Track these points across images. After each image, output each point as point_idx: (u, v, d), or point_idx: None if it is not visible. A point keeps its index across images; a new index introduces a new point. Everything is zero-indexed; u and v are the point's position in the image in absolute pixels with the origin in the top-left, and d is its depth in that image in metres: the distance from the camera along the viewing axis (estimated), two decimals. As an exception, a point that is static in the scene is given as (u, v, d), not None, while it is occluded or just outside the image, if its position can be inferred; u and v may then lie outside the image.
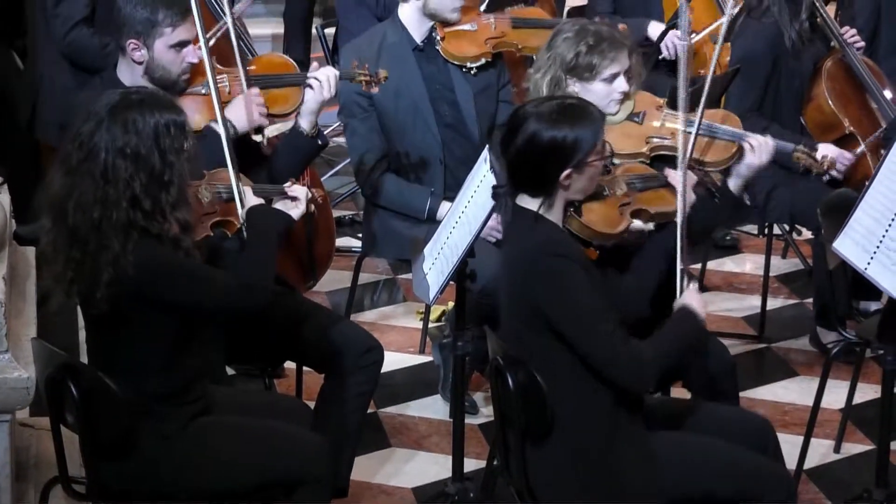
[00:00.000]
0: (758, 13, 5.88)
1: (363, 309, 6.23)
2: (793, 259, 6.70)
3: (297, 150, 4.78)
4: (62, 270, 3.86)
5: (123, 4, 4.63)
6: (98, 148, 3.81)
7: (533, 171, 3.95)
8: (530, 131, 3.92)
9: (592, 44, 4.59)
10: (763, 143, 4.61)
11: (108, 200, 3.80)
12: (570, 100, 4.18)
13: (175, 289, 3.87)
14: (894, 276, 4.18)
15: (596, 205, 4.20)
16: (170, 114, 3.88)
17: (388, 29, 5.45)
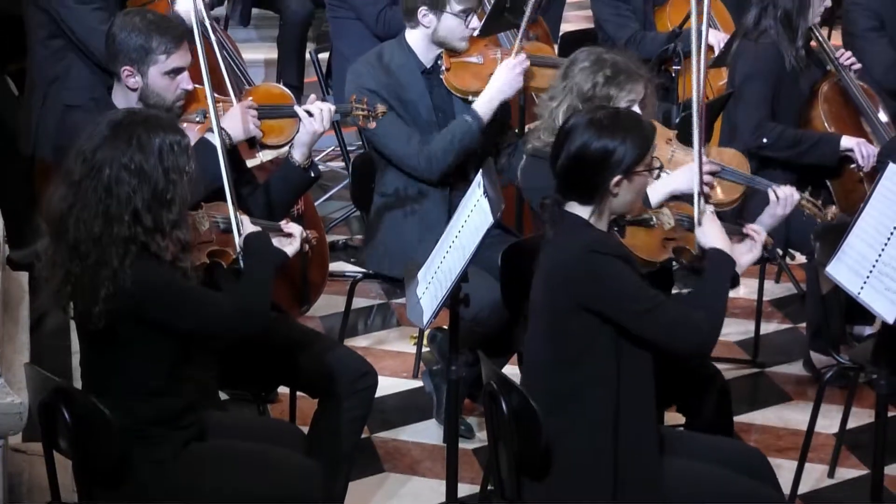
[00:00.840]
0: (754, 35, 5.91)
1: (357, 333, 6.23)
2: (786, 283, 6.70)
3: (289, 182, 4.78)
4: (61, 285, 3.86)
5: (118, 31, 4.64)
6: (102, 163, 3.82)
7: (583, 178, 3.98)
8: (582, 139, 3.96)
9: (610, 75, 4.60)
10: (788, 196, 4.62)
11: (109, 214, 3.81)
12: (621, 110, 4.21)
13: (172, 309, 3.87)
14: (887, 300, 4.18)
15: (641, 231, 4.23)
16: (174, 134, 3.90)
17: (394, 51, 5.43)
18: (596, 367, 3.93)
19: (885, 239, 4.25)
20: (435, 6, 5.34)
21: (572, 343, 3.94)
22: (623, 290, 3.91)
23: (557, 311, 3.96)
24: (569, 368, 3.95)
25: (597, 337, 3.92)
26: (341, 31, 7.01)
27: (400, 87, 5.33)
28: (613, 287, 3.90)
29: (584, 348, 3.93)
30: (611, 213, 4.03)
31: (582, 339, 3.93)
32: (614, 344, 3.93)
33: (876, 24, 6.43)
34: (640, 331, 3.92)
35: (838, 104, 5.98)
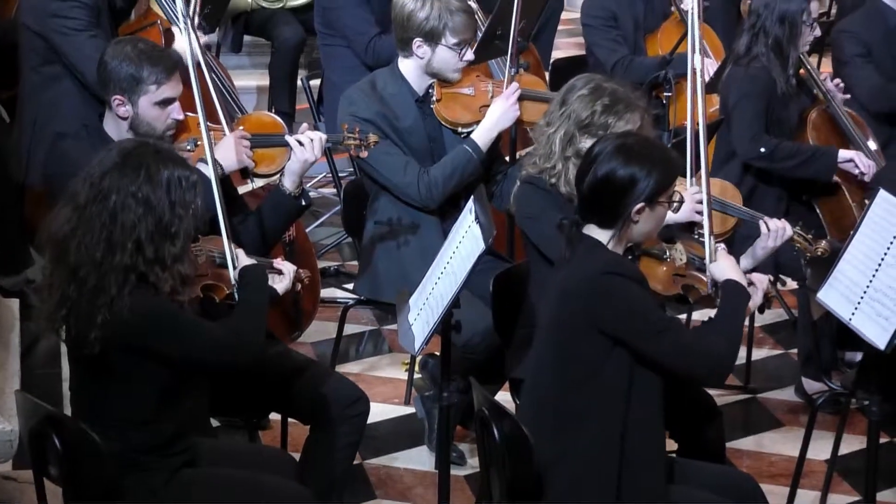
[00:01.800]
0: (745, 61, 5.95)
1: (348, 360, 6.22)
2: (777, 309, 6.70)
3: (279, 210, 4.79)
4: (56, 308, 3.86)
5: (109, 60, 4.65)
6: (109, 190, 3.83)
7: (607, 202, 3.99)
8: (610, 165, 3.97)
9: (609, 104, 4.62)
10: (780, 229, 4.63)
11: (112, 241, 3.81)
12: (651, 139, 4.23)
13: (167, 339, 3.87)
14: (878, 326, 4.19)
15: (653, 263, 4.26)
16: (183, 169, 3.90)
17: (386, 79, 5.43)
18: (602, 391, 3.92)
19: (875, 265, 4.26)
20: (430, 38, 5.34)
21: (581, 365, 3.94)
22: (638, 311, 3.91)
23: (570, 332, 3.96)
24: (575, 391, 3.94)
25: (606, 361, 3.92)
26: (332, 58, 7.02)
27: (394, 116, 5.34)
28: (628, 308, 3.91)
29: (592, 371, 3.93)
30: (629, 240, 4.04)
31: (591, 361, 3.93)
32: (625, 368, 3.93)
33: (863, 50, 6.47)
34: (655, 352, 3.91)
35: (827, 131, 6.01)
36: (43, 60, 5.78)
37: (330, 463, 4.55)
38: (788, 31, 5.86)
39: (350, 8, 6.76)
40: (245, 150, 4.76)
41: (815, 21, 5.93)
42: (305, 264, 4.84)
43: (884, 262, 4.24)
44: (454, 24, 5.30)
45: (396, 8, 5.40)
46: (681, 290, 4.30)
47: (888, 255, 4.23)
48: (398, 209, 5.40)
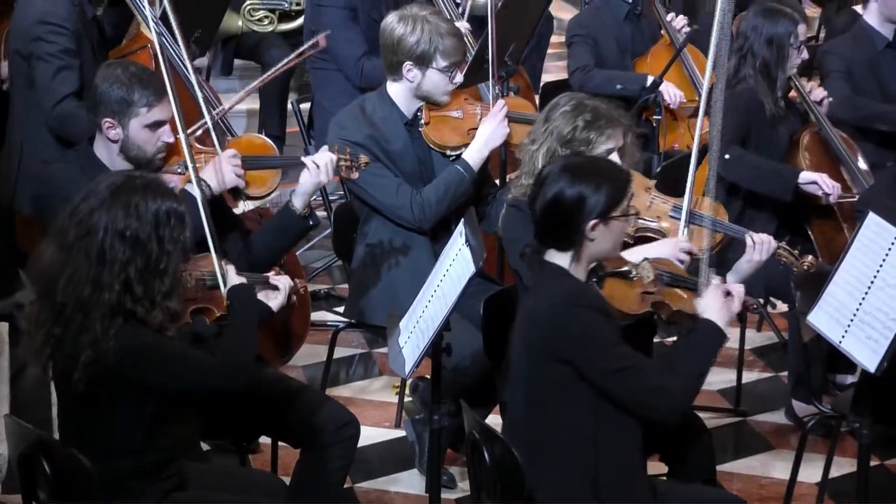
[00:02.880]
0: (733, 83, 5.96)
1: (339, 383, 6.21)
2: (768, 332, 6.71)
3: (285, 229, 4.80)
4: (41, 345, 3.84)
5: (100, 83, 4.65)
6: (97, 227, 3.80)
7: (559, 224, 4.00)
8: (557, 186, 3.98)
9: (590, 119, 4.63)
10: (766, 242, 4.62)
11: (100, 281, 3.79)
12: (597, 157, 4.24)
13: (156, 371, 3.85)
14: (868, 349, 4.19)
15: (620, 283, 4.22)
16: (172, 202, 3.88)
17: (375, 103, 5.43)
18: (573, 418, 3.93)
19: (865, 288, 4.26)
20: (421, 62, 5.35)
21: (549, 392, 3.95)
22: (597, 345, 3.91)
23: (535, 359, 3.97)
24: (547, 417, 3.95)
25: (572, 388, 3.92)
26: (322, 82, 7.03)
27: (384, 140, 5.34)
28: (588, 342, 3.91)
29: (561, 398, 3.93)
30: (589, 259, 4.04)
31: (558, 388, 3.93)
32: (593, 396, 3.93)
33: (844, 68, 6.53)
34: (612, 389, 3.91)
35: (819, 153, 6.03)
36: (30, 84, 5.78)
37: (320, 486, 4.54)
38: (776, 53, 5.89)
39: (339, 29, 6.77)
40: (235, 170, 4.76)
41: (802, 44, 5.95)
42: (296, 289, 4.83)
43: (873, 284, 4.24)
44: (444, 47, 5.31)
45: (385, 32, 5.41)
46: (651, 307, 4.28)
47: (878, 277, 4.24)
48: (388, 232, 5.40)
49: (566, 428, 3.94)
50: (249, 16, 7.70)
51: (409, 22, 5.34)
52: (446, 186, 5.33)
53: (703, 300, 4.18)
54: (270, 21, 7.71)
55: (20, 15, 5.84)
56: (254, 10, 7.70)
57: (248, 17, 7.70)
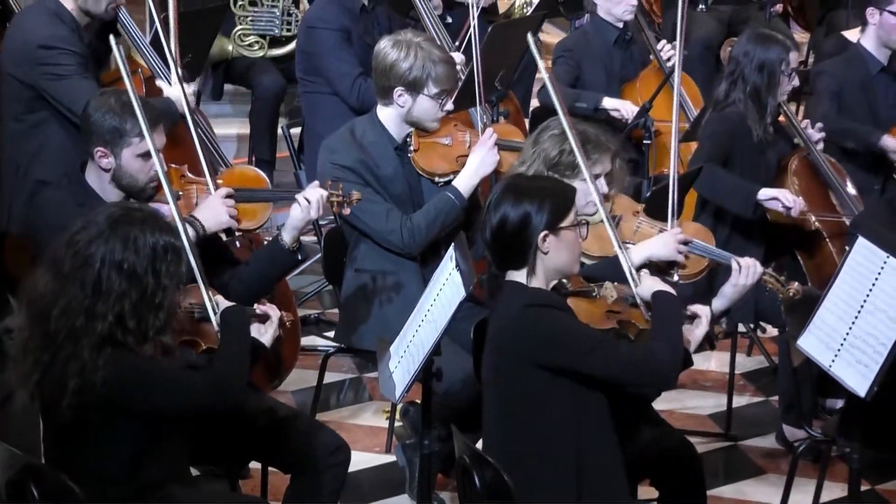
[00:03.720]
0: (722, 106, 5.99)
1: (329, 408, 6.20)
2: (758, 356, 6.71)
3: (275, 263, 4.82)
4: (29, 372, 3.83)
5: (92, 112, 4.65)
6: (94, 258, 3.80)
7: (510, 244, 4.05)
8: (502, 210, 4.03)
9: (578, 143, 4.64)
10: (752, 266, 4.63)
11: (93, 312, 3.78)
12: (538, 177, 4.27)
13: (147, 396, 3.85)
14: (859, 373, 4.19)
15: (583, 301, 4.26)
16: (169, 237, 3.88)
17: (366, 127, 5.44)
18: (555, 426, 3.95)
19: (855, 312, 4.27)
20: (412, 88, 5.35)
21: (525, 403, 3.97)
22: (565, 333, 3.96)
23: (507, 374, 4.00)
24: (528, 431, 3.97)
25: (549, 394, 3.94)
26: (313, 106, 7.03)
27: (374, 164, 5.34)
28: (556, 334, 3.96)
29: (541, 407, 3.95)
30: (548, 274, 4.08)
31: (535, 397, 3.96)
32: (570, 398, 3.95)
33: (835, 89, 6.59)
34: (593, 370, 3.95)
35: (807, 178, 6.05)
36: (26, 109, 5.79)
37: (311, 512, 4.53)
38: (767, 79, 5.91)
39: (333, 50, 6.78)
40: (230, 210, 4.77)
41: (793, 71, 5.97)
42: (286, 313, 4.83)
43: (863, 308, 4.25)
44: (437, 74, 5.32)
45: (378, 57, 5.42)
46: (616, 325, 4.29)
47: (867, 301, 4.24)
48: (378, 257, 5.40)
49: (549, 437, 3.96)
50: (240, 41, 7.71)
51: (402, 47, 5.35)
52: (436, 213, 5.33)
53: (642, 286, 4.25)
54: (261, 46, 7.72)
55: (16, 38, 5.85)
56: (244, 35, 7.71)
57: (239, 42, 7.71)
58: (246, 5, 7.65)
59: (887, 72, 6.69)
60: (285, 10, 7.68)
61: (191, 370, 4.01)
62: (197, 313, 4.26)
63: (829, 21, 8.44)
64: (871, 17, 6.64)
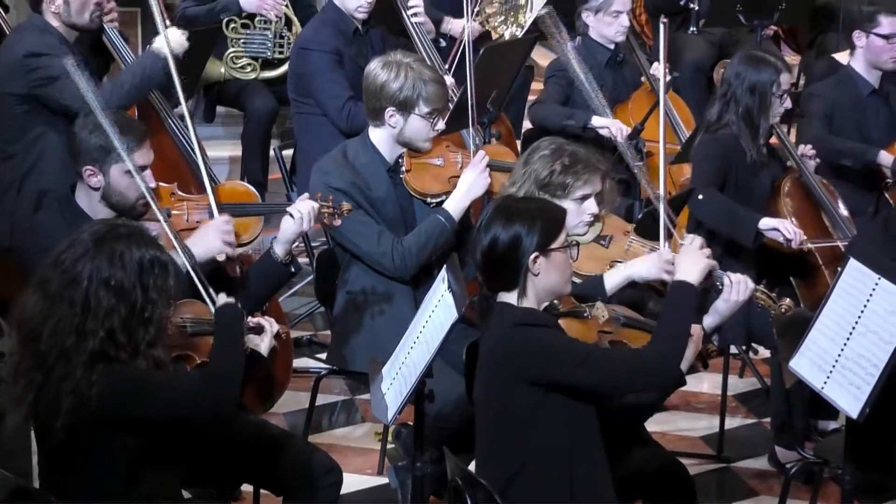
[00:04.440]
0: (715, 128, 6.00)
1: (321, 430, 6.19)
2: (750, 378, 6.71)
3: (268, 276, 4.82)
4: (23, 393, 3.82)
5: (79, 130, 4.66)
6: (81, 276, 3.80)
7: (501, 266, 4.06)
8: (492, 232, 4.05)
9: (567, 164, 4.66)
10: (743, 282, 4.63)
11: (84, 330, 3.78)
12: (528, 198, 4.28)
13: (141, 402, 3.85)
14: (851, 395, 4.19)
15: (574, 322, 4.26)
16: (155, 251, 3.88)
17: (358, 149, 5.44)
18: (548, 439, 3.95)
19: (847, 333, 4.27)
20: (403, 108, 5.36)
21: (518, 422, 3.97)
22: (557, 348, 3.97)
23: (499, 393, 4.01)
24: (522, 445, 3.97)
25: (542, 410, 3.94)
26: (305, 128, 7.04)
27: (366, 186, 5.35)
28: (547, 349, 3.96)
29: (531, 423, 3.96)
30: (539, 295, 4.08)
31: (528, 414, 3.96)
32: (563, 416, 3.95)
33: (827, 111, 6.62)
34: (588, 382, 3.96)
35: (800, 199, 6.06)
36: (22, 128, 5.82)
37: (302, 534, 4.52)
38: (759, 101, 5.92)
39: (324, 72, 6.79)
40: (227, 237, 4.77)
41: (785, 93, 5.99)
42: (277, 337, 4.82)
43: (855, 330, 4.25)
44: (427, 93, 5.33)
45: (369, 78, 5.42)
46: (608, 346, 4.29)
47: (859, 323, 4.25)
48: (370, 279, 5.40)
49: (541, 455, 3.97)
50: (232, 63, 7.72)
51: (392, 68, 5.36)
52: (427, 236, 5.33)
53: (678, 256, 4.25)
54: (253, 68, 7.73)
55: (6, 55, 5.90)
56: (237, 57, 7.71)
57: (231, 64, 7.72)
58: (238, 27, 7.66)
59: (878, 94, 6.71)
60: (278, 33, 7.69)
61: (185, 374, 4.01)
62: (190, 327, 4.26)
63: (819, 44, 8.46)
64: (858, 39, 6.67)
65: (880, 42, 6.57)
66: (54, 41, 5.84)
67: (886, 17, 6.57)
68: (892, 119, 6.73)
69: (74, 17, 5.91)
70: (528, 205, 4.16)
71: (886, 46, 6.58)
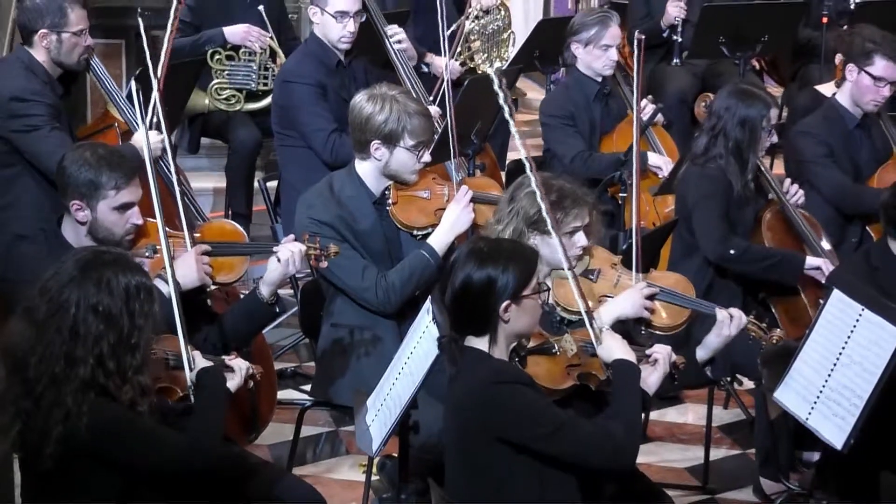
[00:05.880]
0: (701, 161, 5.99)
1: (305, 462, 6.17)
2: (735, 409, 6.70)
3: (252, 316, 4.82)
4: (10, 421, 3.81)
5: (68, 165, 4.66)
6: (68, 303, 3.80)
7: (471, 311, 4.01)
8: (465, 272, 4.00)
9: (555, 199, 4.65)
10: (736, 316, 4.64)
11: (73, 357, 3.78)
12: (502, 239, 4.25)
13: (127, 448, 3.83)
14: (835, 425, 4.20)
15: (543, 360, 4.23)
16: (140, 277, 3.88)
17: (344, 181, 5.44)
18: (518, 489, 3.93)
19: (831, 365, 4.28)
20: (389, 141, 5.37)
21: (490, 477, 3.94)
22: (531, 414, 3.94)
23: (470, 446, 3.98)
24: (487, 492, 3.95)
25: (514, 468, 3.92)
26: (289, 160, 7.04)
27: (352, 219, 5.35)
28: (522, 413, 3.93)
29: (503, 481, 3.93)
30: (508, 339, 4.06)
31: (499, 471, 3.93)
32: (536, 473, 3.93)
33: (827, 150, 6.58)
34: (555, 452, 3.94)
35: (781, 232, 6.06)
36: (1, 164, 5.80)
37: (287, 567, 4.51)
38: (749, 136, 5.92)
39: (307, 105, 6.80)
40: (205, 268, 4.77)
41: (772, 127, 6.00)
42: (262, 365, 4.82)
43: (839, 361, 4.26)
44: (412, 126, 5.34)
45: (354, 111, 5.43)
46: (577, 380, 4.28)
47: (843, 354, 4.26)
48: (355, 311, 5.40)
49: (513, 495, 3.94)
50: (216, 94, 7.73)
51: (377, 101, 5.37)
52: (411, 271, 5.33)
53: (602, 346, 4.23)
54: (237, 100, 7.74)
55: None
56: (221, 88, 7.72)
57: (216, 95, 7.73)
58: (223, 59, 7.67)
59: (862, 126, 6.72)
60: (262, 65, 7.70)
61: (170, 429, 3.99)
62: (172, 361, 4.25)
63: (802, 76, 8.50)
64: (850, 73, 6.63)
65: (868, 81, 6.55)
66: (38, 84, 5.84)
67: (882, 60, 6.53)
68: (874, 151, 6.74)
69: (63, 57, 5.94)
70: (502, 249, 4.10)
71: (872, 88, 6.56)
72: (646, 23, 8.29)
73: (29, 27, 5.95)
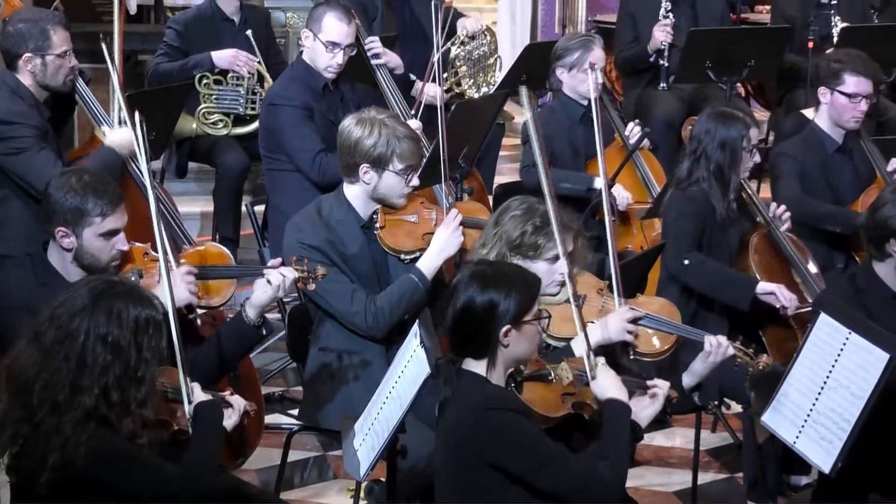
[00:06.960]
0: (685, 185, 6.02)
1: (293, 486, 6.16)
2: (722, 433, 6.71)
3: (239, 338, 4.81)
4: (6, 444, 3.80)
5: (53, 192, 4.66)
6: (78, 331, 3.79)
7: (472, 333, 4.02)
8: (467, 295, 3.99)
9: (539, 224, 4.66)
10: (723, 344, 4.64)
11: (79, 386, 3.77)
12: (505, 263, 4.25)
13: (124, 478, 3.83)
14: (823, 449, 4.20)
15: (538, 386, 4.23)
16: (151, 310, 3.88)
17: (332, 205, 5.44)
18: None
19: (818, 388, 4.28)
20: (377, 164, 5.37)
21: (479, 495, 3.93)
22: (522, 444, 3.94)
23: (462, 470, 3.97)
24: None
25: (504, 489, 3.92)
26: (277, 184, 7.04)
27: (341, 243, 5.34)
28: (514, 443, 3.93)
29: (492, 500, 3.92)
30: (506, 364, 4.06)
31: (489, 496, 3.92)
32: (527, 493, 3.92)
33: (798, 170, 6.63)
34: (542, 484, 3.93)
35: (769, 255, 6.07)
36: None
37: (275, 592, 4.50)
38: (729, 157, 5.95)
39: (294, 127, 6.79)
40: (190, 287, 4.76)
41: (754, 147, 6.03)
42: (250, 392, 4.83)
43: (826, 384, 4.26)
44: (401, 150, 5.35)
45: (343, 135, 5.44)
46: (572, 409, 4.28)
47: (830, 377, 4.26)
48: (343, 335, 5.39)
49: None
50: (204, 119, 7.73)
51: (366, 125, 5.38)
52: (400, 296, 5.33)
53: (596, 382, 4.22)
54: (225, 124, 7.75)
55: None
56: (208, 113, 7.73)
57: (203, 120, 7.73)
58: (211, 83, 7.68)
59: (843, 150, 6.74)
60: (250, 89, 7.71)
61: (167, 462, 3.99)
62: (170, 393, 4.24)
63: (788, 100, 8.53)
64: (823, 96, 6.68)
65: (843, 100, 6.59)
66: (24, 107, 5.86)
67: (851, 77, 6.58)
68: (856, 176, 6.77)
69: (49, 79, 5.96)
70: (504, 274, 4.11)
71: (849, 105, 6.59)
72: (633, 47, 8.32)
73: (13, 52, 5.96)
